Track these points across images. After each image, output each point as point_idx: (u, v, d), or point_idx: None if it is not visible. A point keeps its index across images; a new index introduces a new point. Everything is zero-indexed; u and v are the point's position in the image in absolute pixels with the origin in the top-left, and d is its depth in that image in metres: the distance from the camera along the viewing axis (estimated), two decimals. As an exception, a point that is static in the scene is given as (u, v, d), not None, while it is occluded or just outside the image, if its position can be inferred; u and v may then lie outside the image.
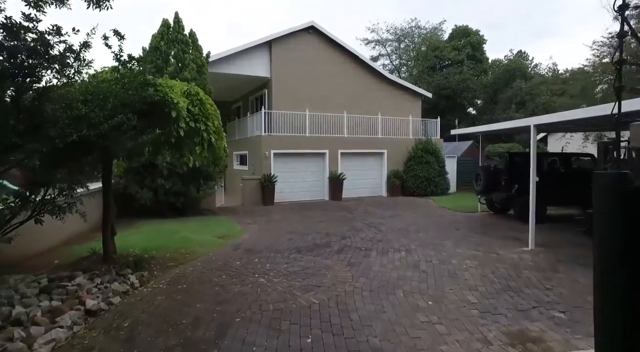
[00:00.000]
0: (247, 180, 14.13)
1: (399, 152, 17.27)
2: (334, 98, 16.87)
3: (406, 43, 29.76)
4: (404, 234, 8.53)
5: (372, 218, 10.85)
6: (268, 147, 14.36)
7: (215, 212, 12.19)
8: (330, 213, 11.93)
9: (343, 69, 17.19)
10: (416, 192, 16.67)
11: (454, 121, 26.95)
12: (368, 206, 13.59)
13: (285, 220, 10.66)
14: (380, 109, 17.53)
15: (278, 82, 15.69)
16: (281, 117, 15.22)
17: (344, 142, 15.95)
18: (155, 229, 9.08)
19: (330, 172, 15.54)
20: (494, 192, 10.24)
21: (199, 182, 11.11)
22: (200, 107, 5.21)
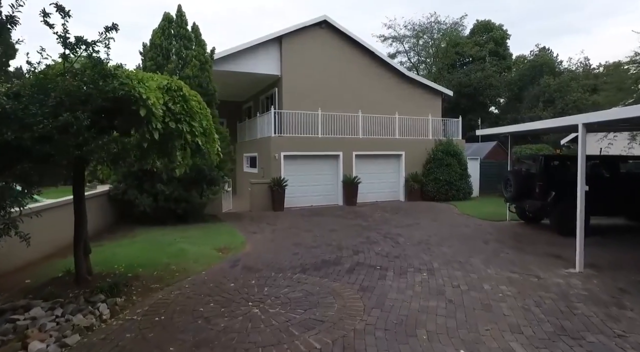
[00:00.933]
0: (255, 184, 13.36)
1: (418, 154, 16.21)
2: (348, 97, 15.94)
3: (425, 39, 28.50)
4: (424, 248, 7.53)
5: (388, 227, 9.88)
6: (278, 149, 13.56)
7: (220, 218, 11.45)
8: (343, 220, 11.01)
9: (358, 66, 16.25)
10: (436, 197, 15.58)
11: (475, 121, 25.58)
12: (384, 212, 12.60)
13: (293, 229, 9.81)
14: (398, 108, 16.50)
15: (289, 81, 14.87)
16: (292, 117, 14.40)
17: (358, 144, 15.01)
18: (151, 239, 8.37)
19: (344, 176, 14.62)
20: (526, 199, 9.11)
21: (202, 187, 10.38)
22: (184, 104, 4.40)
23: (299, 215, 12.17)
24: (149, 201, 9.84)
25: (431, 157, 16.08)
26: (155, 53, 10.13)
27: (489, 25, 28.37)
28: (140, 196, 9.91)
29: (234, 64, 13.99)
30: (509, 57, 28.56)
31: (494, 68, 25.93)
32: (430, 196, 15.74)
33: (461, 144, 16.98)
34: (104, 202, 9.89)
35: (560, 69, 26.10)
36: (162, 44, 10.08)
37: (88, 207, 9.11)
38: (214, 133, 5.29)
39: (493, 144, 20.91)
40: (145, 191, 9.93)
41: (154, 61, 10.04)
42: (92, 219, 9.07)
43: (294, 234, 9.11)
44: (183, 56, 10.18)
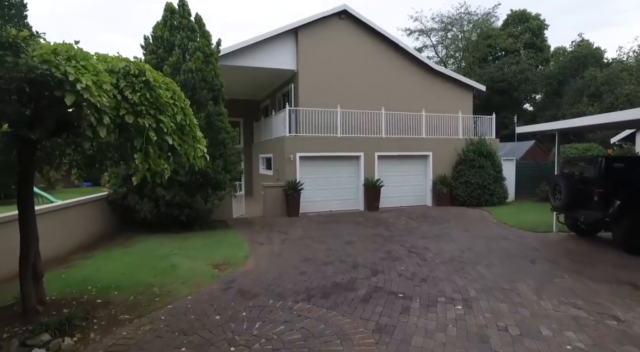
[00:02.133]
0: (268, 187, 12.41)
1: (447, 154, 14.79)
2: (371, 93, 14.73)
3: (454, 32, 26.74)
4: (457, 268, 6.27)
5: (414, 238, 8.63)
6: (293, 150, 12.55)
7: (228, 225, 10.55)
8: (363, 229, 9.85)
9: (381, 59, 15.01)
10: (467, 202, 14.13)
11: (509, 118, 23.70)
12: (409, 220, 11.33)
13: (306, 239, 8.74)
14: (425, 104, 15.14)
15: (305, 76, 13.84)
16: (309, 115, 13.35)
17: (381, 144, 13.78)
18: (145, 250, 7.53)
19: (366, 179, 13.44)
20: (580, 209, 7.64)
21: (207, 191, 9.50)
22: (147, 93, 3.41)
23: (315, 222, 11.09)
24: (149, 207, 9.05)
25: (462, 158, 14.65)
26: (156, 46, 9.33)
27: (525, 15, 26.24)
28: (141, 201, 9.14)
29: (247, 58, 13.10)
30: (546, 49, 26.31)
31: (531, 61, 23.85)
32: (460, 200, 14.30)
33: (495, 143, 15.42)
34: (104, 207, 9.18)
35: (608, 59, 23.61)
36: (163, 36, 9.27)
37: (81, 212, 8.46)
38: (195, 131, 4.28)
39: (530, 143, 19.12)
40: (146, 195, 9.15)
41: (155, 55, 9.25)
42: (88, 225, 8.37)
43: (305, 246, 8.04)
44: (186, 48, 9.32)
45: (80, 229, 7.94)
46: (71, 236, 7.51)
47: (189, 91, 9.12)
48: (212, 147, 9.39)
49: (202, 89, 9.27)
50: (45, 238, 6.70)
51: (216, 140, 9.47)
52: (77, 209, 7.79)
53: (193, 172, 8.99)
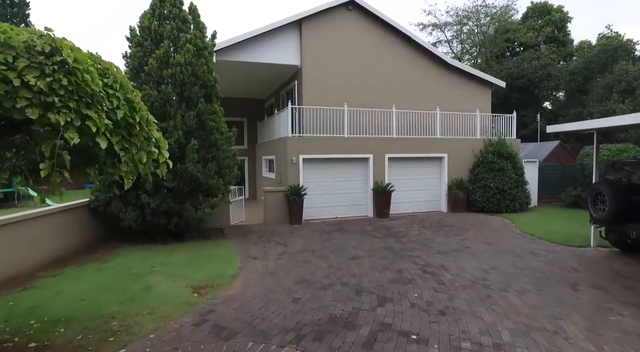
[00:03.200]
0: (269, 192, 11.47)
1: (463, 156, 13.65)
2: (381, 90, 13.68)
3: (470, 26, 25.36)
4: (482, 296, 5.20)
5: (428, 253, 7.57)
6: (296, 152, 11.59)
7: (224, 234, 9.64)
8: (371, 240, 8.81)
9: (392, 54, 13.93)
10: (486, 208, 12.96)
11: (529, 117, 22.31)
12: (423, 229, 10.25)
13: (306, 252, 7.76)
14: (440, 102, 14.03)
15: (310, 72, 12.86)
16: (313, 114, 12.37)
17: (392, 145, 12.72)
18: (123, 267, 6.65)
19: (375, 183, 12.39)
20: (631, 222, 6.47)
21: (198, 198, 8.59)
22: (65, 78, 2.47)
23: (319, 231, 10.10)
24: (134, 215, 8.18)
25: (479, 160, 13.49)
26: (143, 37, 8.47)
27: (546, 7, 24.68)
28: (125, 209, 8.29)
29: (247, 53, 12.19)
30: (569, 43, 24.71)
31: (553, 55, 22.33)
32: (478, 206, 13.14)
33: (516, 144, 14.20)
34: (84, 216, 8.34)
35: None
36: (151, 26, 8.40)
37: (54, 222, 7.33)
38: (149, 130, 3.34)
39: (554, 144, 17.75)
40: (130, 202, 8.29)
41: (141, 47, 8.39)
42: (64, 236, 7.50)
43: (304, 262, 7.05)
44: (176, 40, 8.43)
45: (53, 241, 7.11)
46: (40, 249, 6.68)
47: (177, 87, 8.25)
48: (203, 149, 8.51)
49: (193, 84, 8.37)
50: (5, 253, 5.92)
51: (208, 142, 8.56)
52: (47, 219, 6.95)
53: (181, 177, 8.10)
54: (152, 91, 7.79)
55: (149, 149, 3.36)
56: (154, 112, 7.96)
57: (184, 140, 8.07)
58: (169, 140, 7.80)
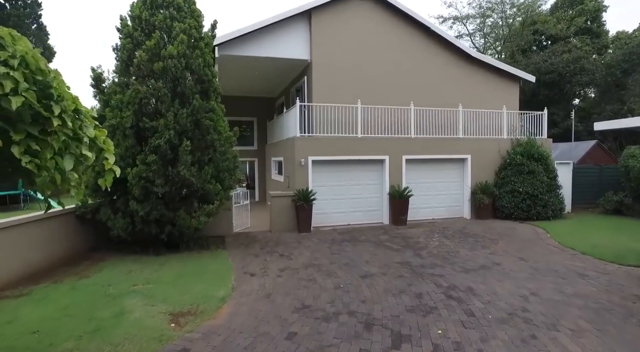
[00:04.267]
0: (276, 197, 10.58)
1: (489, 157, 12.46)
2: (397, 86, 12.64)
3: (494, 19, 23.82)
4: (524, 336, 4.13)
5: (452, 271, 6.51)
6: (305, 153, 10.67)
7: (224, 244, 8.82)
8: (386, 254, 7.80)
9: (409, 46, 12.86)
10: (514, 214, 11.75)
11: (558, 115, 20.75)
12: (445, 239, 9.17)
13: (311, 268, 6.82)
14: (462, 99, 12.89)
15: (320, 67, 11.92)
16: (323, 112, 11.43)
17: (410, 145, 11.65)
18: (101, 285, 5.87)
19: (391, 187, 11.36)
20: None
21: (193, 205, 7.77)
22: None
23: (328, 241, 9.15)
24: (123, 223, 7.42)
25: (507, 162, 12.28)
26: (134, 27, 7.71)
27: (578, -5, 22.83)
28: (114, 217, 7.54)
29: (253, 47, 11.34)
30: (604, 35, 22.83)
31: (587, 48, 20.59)
32: (505, 212, 11.94)
33: (547, 144, 12.91)
34: (69, 224, 7.63)
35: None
36: (141, 15, 7.62)
37: (31, 232, 6.39)
38: (69, 124, 2.45)
39: (591, 144, 16.27)
40: (119, 209, 7.54)
41: (131, 38, 7.62)
42: (42, 248, 6.70)
43: (307, 281, 6.11)
44: (170, 30, 7.64)
45: (29, 254, 6.39)
46: (9, 263, 5.95)
47: (169, 82, 7.44)
48: (198, 151, 7.69)
49: (187, 79, 7.55)
50: None
51: (204, 142, 7.72)
52: (23, 230, 6.23)
53: (173, 182, 7.29)
54: (140, 86, 6.99)
55: (79, 153, 2.48)
56: (142, 110, 7.19)
57: (176, 141, 7.25)
58: (159, 141, 7.00)
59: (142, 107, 7.10)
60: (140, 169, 6.94)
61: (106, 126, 7.36)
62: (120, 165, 7.01)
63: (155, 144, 6.97)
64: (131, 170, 6.91)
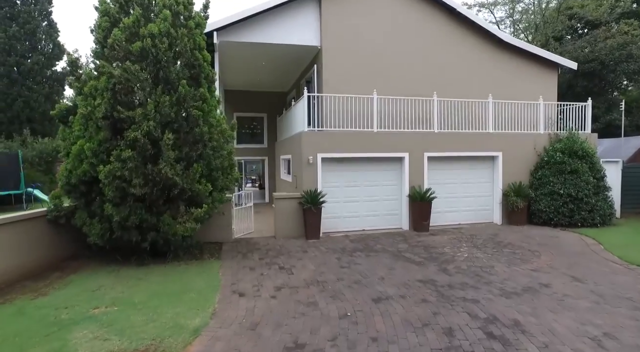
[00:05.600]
0: (280, 199, 9.44)
1: (523, 155, 10.97)
2: (418, 74, 11.31)
3: (524, 4, 21.92)
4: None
5: (489, 294, 5.18)
6: (313, 149, 9.48)
7: (219, 252, 7.75)
8: (406, 269, 6.52)
9: (431, 30, 11.50)
10: (554, 220, 10.23)
11: (601, 108, 18.81)
12: (475, 249, 7.80)
13: (313, 286, 5.63)
14: (492, 89, 11.48)
15: (331, 53, 10.71)
16: (334, 104, 10.22)
17: (433, 141, 10.30)
18: (55, 306, 4.85)
19: (412, 188, 10.06)
20: None
21: (179, 208, 6.69)
22: None
23: (338, 250, 7.93)
24: (99, 229, 6.44)
25: (544, 160, 10.75)
26: (112, 3, 6.70)
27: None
28: (90, 221, 6.57)
29: (257, 32, 10.25)
30: (654, 16, 20.51)
31: (637, 31, 18.43)
32: (542, 218, 10.42)
33: (592, 140, 11.28)
34: (41, 230, 6.68)
35: None
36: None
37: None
38: None
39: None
40: (96, 213, 6.55)
41: (108, 16, 6.61)
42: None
43: (307, 304, 4.92)
44: (150, 6, 6.59)
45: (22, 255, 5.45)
46: None
47: (150, 65, 6.38)
48: (186, 145, 6.63)
49: (171, 62, 6.48)
50: None
51: (192, 136, 6.64)
52: None
53: (154, 182, 6.23)
54: (113, 70, 5.96)
55: None
56: (117, 97, 6.15)
57: (158, 133, 6.19)
58: (136, 133, 5.95)
59: (117, 95, 6.06)
60: (115, 166, 5.90)
61: (78, 118, 6.39)
62: (92, 162, 6.02)
63: (132, 138, 5.92)
64: (103, 167, 5.88)
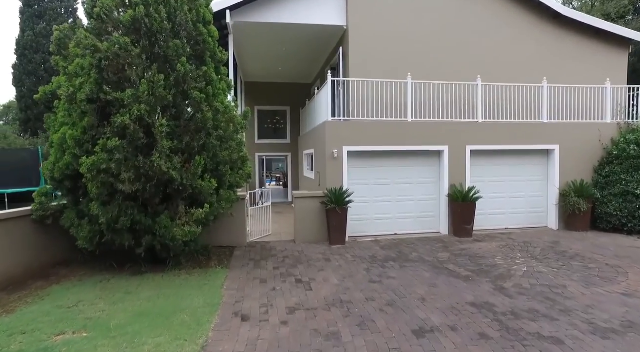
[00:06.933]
0: (300, 198, 8.31)
1: (584, 148, 9.33)
2: (458, 56, 9.88)
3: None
4: None
5: (571, 329, 3.81)
6: (338, 142, 8.30)
7: (229, 259, 6.74)
8: (451, 286, 5.22)
9: (473, 4, 10.02)
10: (628, 226, 8.61)
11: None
12: (533, 261, 6.37)
13: (336, 309, 4.46)
14: (547, 71, 9.90)
15: (359, 34, 9.48)
16: (362, 90, 8.99)
17: (476, 132, 8.87)
18: (10, 332, 3.93)
19: (452, 186, 8.68)
20: None
21: (178, 208, 5.69)
22: None
23: (367, 258, 6.72)
24: (87, 232, 5.54)
25: (613, 155, 9.09)
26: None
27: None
28: (79, 222, 5.69)
29: (275, 11, 9.18)
30: None
31: None
32: (611, 223, 8.77)
33: (674, 130, 9.43)
34: (26, 231, 5.86)
35: None
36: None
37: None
38: None
39: None
40: (84, 214, 5.66)
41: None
42: None
43: (325, 337, 3.75)
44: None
45: None
46: None
47: (144, 38, 5.39)
48: (187, 134, 5.64)
49: (168, 35, 5.47)
50: None
51: (193, 124, 5.61)
52: None
53: (147, 177, 5.25)
54: (99, 43, 5.00)
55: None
56: (104, 76, 5.20)
57: (153, 120, 5.21)
58: (123, 118, 4.97)
59: (104, 73, 5.11)
60: (99, 158, 4.95)
61: (63, 102, 5.51)
62: (74, 153, 5.10)
63: (120, 124, 4.95)
64: (87, 159, 4.94)
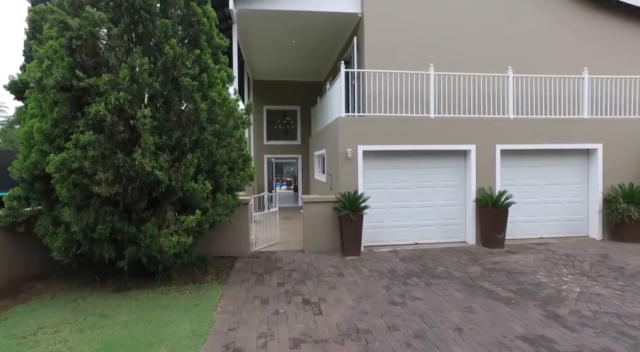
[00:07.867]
0: (310, 203, 7.42)
1: (632, 148, 8.21)
2: (486, 45, 8.91)
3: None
4: None
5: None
6: (352, 140, 7.42)
7: (228, 272, 5.91)
8: (490, 308, 4.25)
9: (505, -11, 9.06)
10: (685, 237, 7.41)
11: None
12: (584, 278, 5.35)
13: (351, 340, 3.56)
14: (588, 61, 8.84)
15: (375, 21, 8.61)
16: (378, 83, 8.09)
17: (507, 130, 7.87)
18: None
19: (480, 190, 7.69)
20: None
21: (166, 214, 4.86)
22: None
23: (386, 273, 5.79)
24: (62, 242, 4.77)
25: (664, 155, 7.97)
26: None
27: None
28: (54, 230, 4.93)
29: (282, 0, 8.39)
30: None
31: None
32: (666, 233, 7.63)
33: None
34: (-3, 239, 5.14)
35: None
36: None
37: None
38: None
39: None
40: (60, 220, 4.89)
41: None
42: None
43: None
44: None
45: None
46: None
47: (125, 15, 4.61)
48: (177, 129, 4.81)
49: (155, 14, 4.69)
50: None
51: (184, 116, 4.80)
52: None
53: (130, 179, 4.45)
54: (69, 19, 4.24)
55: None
56: (77, 59, 4.43)
57: (133, 110, 4.41)
58: (98, 108, 4.19)
59: (77, 55, 4.34)
60: (70, 155, 4.17)
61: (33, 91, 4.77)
62: (42, 150, 4.34)
63: (93, 114, 4.17)
64: (55, 157, 4.17)
